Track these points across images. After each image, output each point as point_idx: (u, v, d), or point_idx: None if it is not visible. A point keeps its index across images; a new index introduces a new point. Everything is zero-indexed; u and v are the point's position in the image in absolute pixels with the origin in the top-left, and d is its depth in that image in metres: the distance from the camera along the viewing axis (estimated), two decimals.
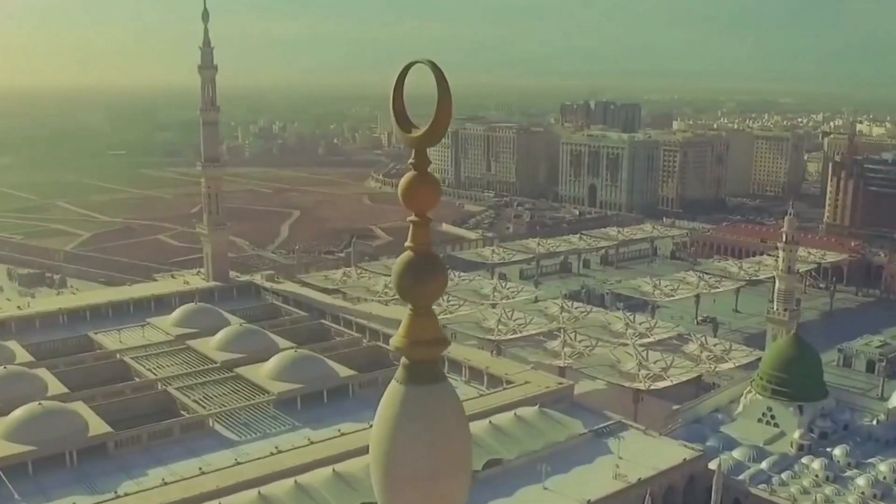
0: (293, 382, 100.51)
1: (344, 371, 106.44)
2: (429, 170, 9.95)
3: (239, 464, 79.96)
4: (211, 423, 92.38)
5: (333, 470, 77.67)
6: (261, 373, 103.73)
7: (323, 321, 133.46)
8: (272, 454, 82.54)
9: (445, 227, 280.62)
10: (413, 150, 9.82)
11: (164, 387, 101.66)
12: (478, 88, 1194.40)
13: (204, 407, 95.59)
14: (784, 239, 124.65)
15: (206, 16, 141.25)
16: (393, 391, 10.30)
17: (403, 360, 10.37)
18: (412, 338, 10.21)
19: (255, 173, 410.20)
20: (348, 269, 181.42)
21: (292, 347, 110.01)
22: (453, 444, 10.05)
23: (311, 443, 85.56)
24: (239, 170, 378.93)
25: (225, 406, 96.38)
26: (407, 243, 10.09)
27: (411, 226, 10.09)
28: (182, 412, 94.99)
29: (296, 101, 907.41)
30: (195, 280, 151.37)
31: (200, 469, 78.50)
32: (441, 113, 9.58)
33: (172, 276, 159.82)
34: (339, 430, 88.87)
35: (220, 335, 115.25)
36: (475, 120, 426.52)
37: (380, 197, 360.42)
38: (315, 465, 79.06)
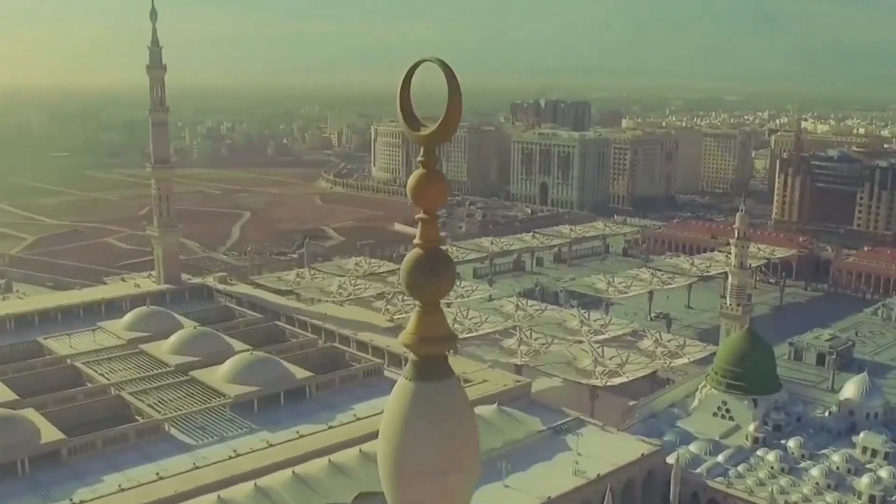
0: (249, 385, 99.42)
1: (300, 372, 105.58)
2: (437, 168, 9.93)
3: (197, 468, 78.93)
4: (167, 428, 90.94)
5: (293, 472, 77.15)
6: (216, 376, 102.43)
7: (278, 323, 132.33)
8: (230, 458, 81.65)
9: (398, 226, 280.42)
10: (422, 148, 9.81)
11: (117, 392, 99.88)
12: (425, 87, 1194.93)
13: (159, 411, 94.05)
14: (736, 235, 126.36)
15: (153, 15, 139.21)
16: (402, 387, 10.13)
17: (412, 356, 10.24)
18: (421, 334, 10.13)
19: (203, 174, 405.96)
20: (301, 270, 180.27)
21: (248, 350, 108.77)
22: (462, 439, 10.04)
23: (270, 445, 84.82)
24: (187, 171, 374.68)
25: (180, 410, 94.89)
26: (416, 240, 9.96)
27: (420, 223, 9.95)
28: (137, 417, 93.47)
29: (243, 102, 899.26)
30: (146, 283, 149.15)
31: (158, 474, 77.36)
32: (451, 111, 9.54)
33: (123, 280, 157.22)
34: (297, 432, 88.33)
35: (174, 338, 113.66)
36: (426, 119, 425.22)
37: (331, 197, 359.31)
38: (274, 468, 78.42)
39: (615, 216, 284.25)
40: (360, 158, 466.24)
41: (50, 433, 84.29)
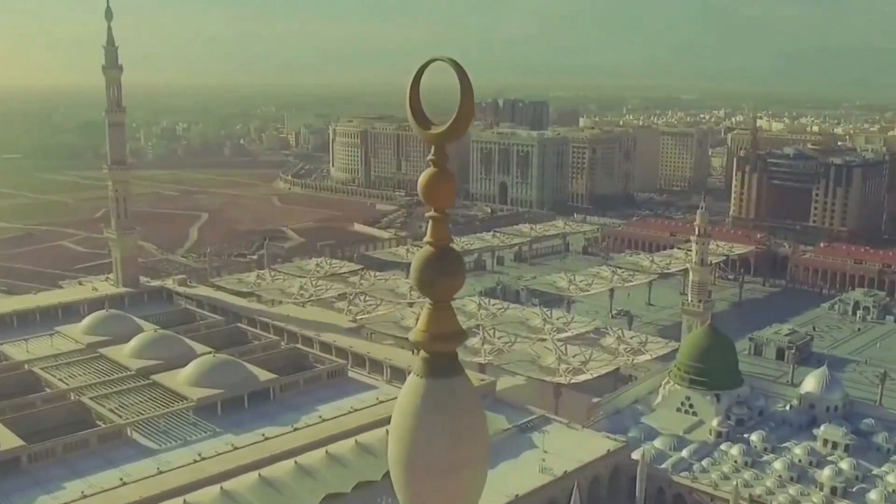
0: (212, 388, 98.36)
1: (264, 375, 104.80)
2: (448, 166, 9.88)
3: (161, 472, 77.96)
4: (129, 433, 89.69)
5: (259, 475, 76.59)
6: (178, 379, 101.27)
7: (239, 325, 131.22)
8: (195, 461, 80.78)
9: (357, 226, 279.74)
10: (432, 147, 9.72)
11: (77, 397, 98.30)
12: (382, 87, 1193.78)
13: (120, 416, 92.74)
14: (697, 232, 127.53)
15: (109, 14, 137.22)
16: (413, 385, 10.09)
17: (422, 353, 10.25)
18: (432, 331, 10.14)
19: (159, 176, 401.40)
20: (262, 271, 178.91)
21: (210, 352, 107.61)
22: (473, 435, 10.09)
23: (235, 448, 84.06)
24: (143, 172, 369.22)
25: (143, 414, 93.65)
26: (427, 238, 9.97)
27: (431, 221, 9.91)
28: (98, 422, 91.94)
29: (199, 102, 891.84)
30: (104, 286, 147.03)
31: (121, 480, 76.30)
32: (463, 110, 9.48)
33: (80, 283, 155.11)
34: (262, 435, 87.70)
35: (134, 342, 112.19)
36: (384, 119, 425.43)
37: (290, 198, 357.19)
38: (240, 471, 77.76)
39: (575, 215, 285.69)
40: (318, 159, 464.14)
41: (9, 440, 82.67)
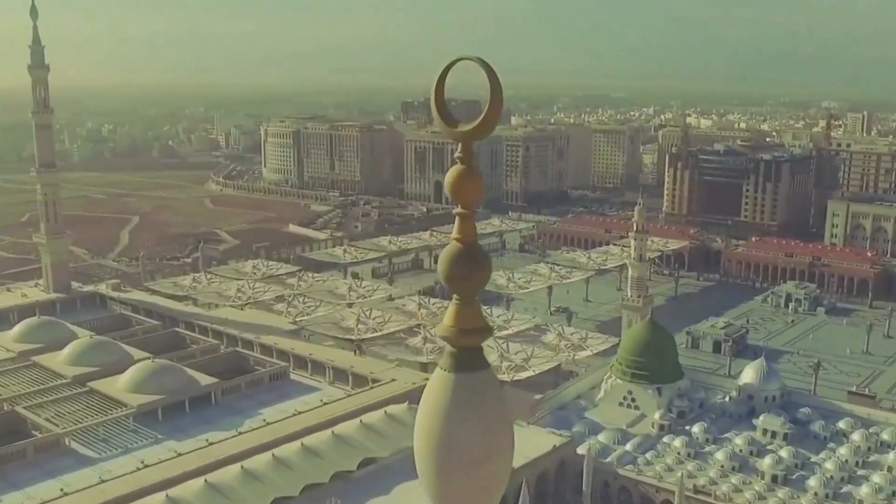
0: (152, 394, 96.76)
1: (205, 379, 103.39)
2: (475, 164, 10.05)
3: (104, 482, 76.35)
4: (67, 442, 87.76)
5: (205, 481, 75.36)
6: (117, 386, 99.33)
7: (177, 329, 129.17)
8: (138, 469, 79.34)
9: (293, 228, 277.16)
10: (459, 145, 9.89)
11: (10, 406, 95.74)
12: (314, 87, 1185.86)
13: (57, 425, 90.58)
14: (635, 228, 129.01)
15: (34, 13, 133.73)
16: (441, 379, 10.29)
17: (449, 348, 10.41)
18: (460, 326, 10.31)
19: (86, 178, 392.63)
20: (197, 274, 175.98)
21: (148, 358, 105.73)
22: (501, 427, 10.33)
23: (179, 455, 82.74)
24: (70, 175, 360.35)
25: (81, 423, 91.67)
26: (454, 235, 10.10)
27: (458, 218, 10.13)
28: (34, 432, 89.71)
29: (124, 103, 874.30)
30: (34, 292, 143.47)
31: (62, 490, 74.57)
32: (491, 109, 9.59)
33: (8, 290, 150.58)
34: (206, 440, 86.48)
35: (69, 349, 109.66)
36: (316, 119, 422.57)
37: (222, 199, 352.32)
38: (185, 478, 76.51)
39: (510, 213, 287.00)
40: (249, 160, 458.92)
41: None
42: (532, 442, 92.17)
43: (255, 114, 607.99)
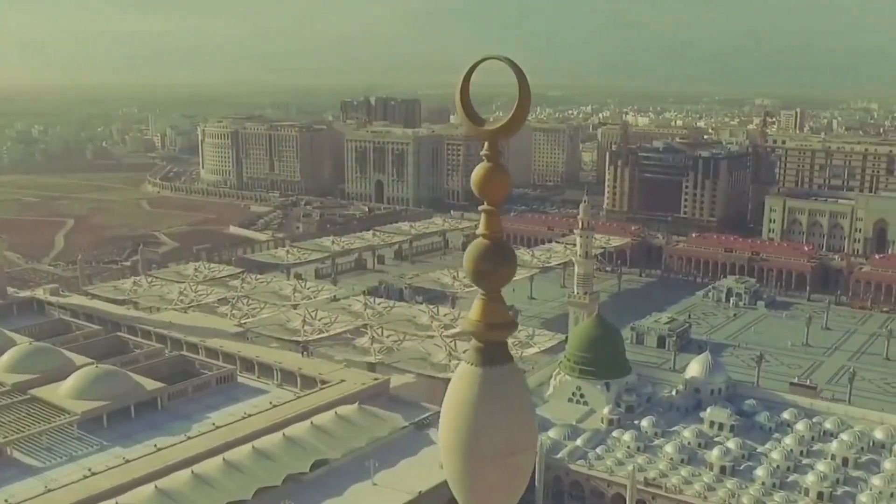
0: (97, 400, 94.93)
1: (150, 384, 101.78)
2: (501, 161, 10.29)
3: (50, 491, 74.63)
4: (9, 452, 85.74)
5: (155, 487, 74.22)
6: (59, 393, 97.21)
7: (119, 334, 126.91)
8: (85, 477, 77.68)
9: (233, 229, 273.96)
10: (486, 143, 10.11)
11: None
12: (249, 87, 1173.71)
13: None
14: (580, 226, 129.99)
15: None
16: (468, 373, 10.47)
17: (475, 343, 10.56)
18: (487, 321, 10.49)
19: (17, 181, 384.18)
20: (137, 278, 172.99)
21: (91, 363, 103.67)
22: (527, 419, 10.54)
23: (127, 461, 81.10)
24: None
25: (22, 431, 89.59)
26: (480, 231, 10.35)
27: (484, 215, 10.35)
28: None
29: (54, 104, 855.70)
30: None
31: (6, 501, 72.59)
32: (520, 108, 9.84)
33: None
34: (154, 446, 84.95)
35: (7, 356, 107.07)
36: (254, 119, 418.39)
37: (160, 201, 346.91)
38: (134, 484, 75.23)
39: (452, 212, 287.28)
40: (186, 161, 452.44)
41: None
42: None
43: (190, 114, 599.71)
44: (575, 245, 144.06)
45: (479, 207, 10.37)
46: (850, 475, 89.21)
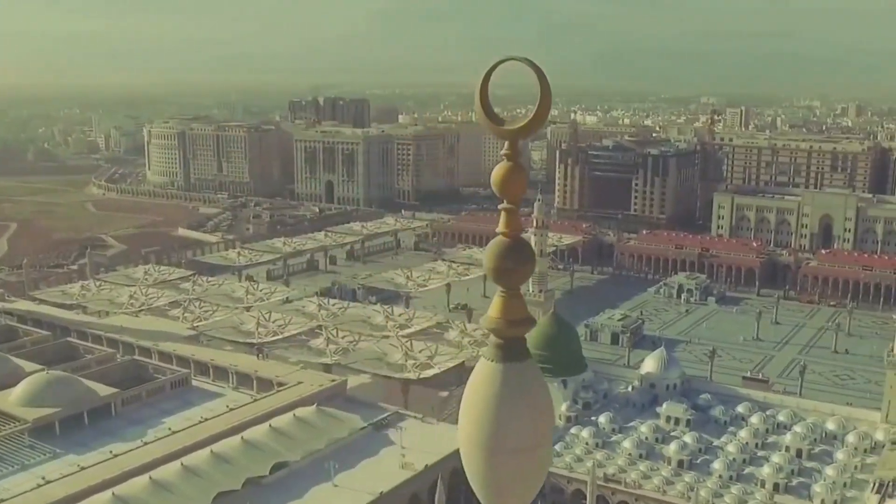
0: (48, 407, 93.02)
1: (103, 389, 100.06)
2: (521, 161, 10.38)
3: (2, 501, 72.93)
4: None
5: (113, 494, 73.09)
6: (9, 400, 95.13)
7: (69, 339, 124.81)
8: (39, 486, 76.12)
9: (182, 231, 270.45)
10: (506, 142, 10.24)
11: None
12: (194, 87, 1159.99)
13: None
14: (534, 224, 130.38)
15: None
16: (488, 369, 10.60)
17: (494, 339, 10.71)
18: (507, 317, 10.61)
19: None
20: (86, 282, 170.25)
21: (41, 370, 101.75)
22: (547, 414, 10.71)
23: (82, 469, 79.61)
24: None
25: None
26: (500, 229, 10.45)
27: (504, 213, 10.38)
28: None
29: None
30: None
31: None
32: (541, 108, 9.90)
33: None
34: (110, 452, 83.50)
35: None
36: (201, 120, 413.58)
37: (105, 204, 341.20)
38: (90, 492, 74.03)
39: (403, 211, 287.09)
40: (132, 162, 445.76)
41: None
42: (443, 439, 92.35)
43: (134, 115, 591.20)
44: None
45: (499, 206, 10.36)
46: (805, 466, 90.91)
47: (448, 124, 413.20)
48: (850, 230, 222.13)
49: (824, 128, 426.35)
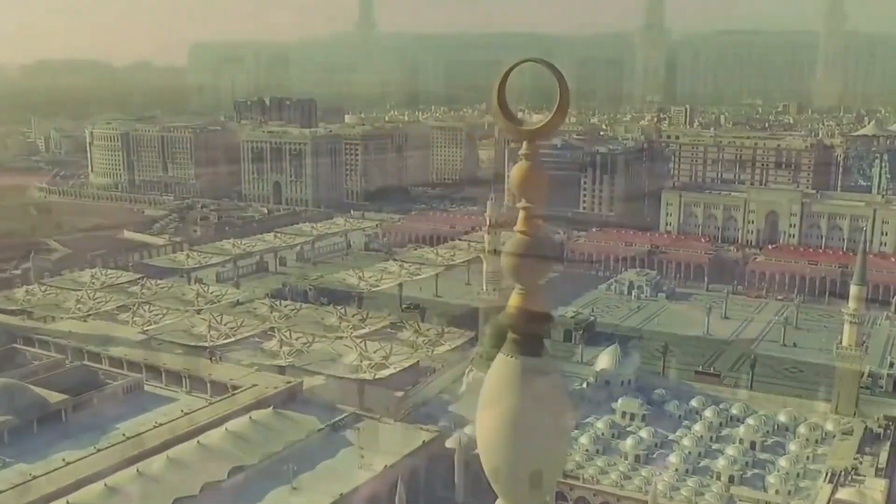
0: None
1: (52, 396, 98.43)
2: (539, 161, 10.88)
3: None
4: None
5: (67, 502, 71.30)
6: None
7: (15, 345, 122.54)
8: None
9: (128, 233, 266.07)
10: (524, 143, 10.58)
11: None
12: (137, 87, 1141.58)
13: None
14: (488, 223, 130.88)
15: None
16: (506, 364, 10.87)
17: (512, 335, 10.93)
18: (525, 314, 10.93)
19: None
20: (30, 286, 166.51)
21: None
22: (567, 405, 11.14)
23: (34, 478, 77.99)
24: None
25: None
26: (519, 228, 10.79)
27: (523, 212, 10.86)
28: None
29: None
30: None
31: None
32: (560, 109, 10.18)
33: None
34: (62, 460, 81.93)
35: None
36: (145, 120, 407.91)
37: (48, 206, 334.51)
38: (43, 501, 72.39)
39: (352, 212, 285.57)
40: (74, 164, 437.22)
41: None
42: (401, 439, 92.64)
43: (74, 116, 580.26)
44: (477, 242, 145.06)
45: (518, 205, 10.93)
46: (758, 458, 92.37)
47: (395, 124, 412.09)
48: (795, 226, 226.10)
49: (766, 125, 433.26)
